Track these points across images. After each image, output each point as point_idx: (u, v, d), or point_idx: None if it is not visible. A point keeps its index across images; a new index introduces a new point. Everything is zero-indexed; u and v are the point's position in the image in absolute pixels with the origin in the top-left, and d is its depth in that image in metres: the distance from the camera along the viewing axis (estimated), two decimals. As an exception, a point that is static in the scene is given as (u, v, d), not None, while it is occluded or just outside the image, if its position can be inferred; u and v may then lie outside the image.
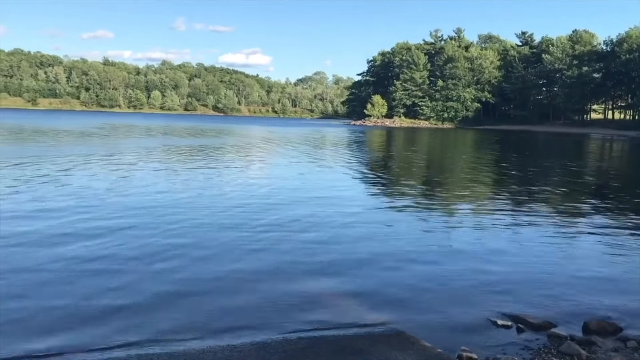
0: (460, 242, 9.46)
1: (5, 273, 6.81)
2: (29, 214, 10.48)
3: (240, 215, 11.08)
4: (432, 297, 6.54)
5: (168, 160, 23.22)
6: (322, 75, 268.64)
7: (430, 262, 8.05)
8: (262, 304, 6.12)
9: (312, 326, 5.55)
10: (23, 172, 16.74)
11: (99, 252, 7.95)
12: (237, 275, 7.12)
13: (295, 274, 7.26)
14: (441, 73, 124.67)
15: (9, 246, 8.05)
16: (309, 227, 10.12)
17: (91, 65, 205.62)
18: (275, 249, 8.44)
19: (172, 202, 12.48)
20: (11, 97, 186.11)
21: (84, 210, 11.01)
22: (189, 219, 10.53)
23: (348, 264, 7.79)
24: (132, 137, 42.71)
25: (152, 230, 9.44)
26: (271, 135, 53.28)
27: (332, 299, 6.38)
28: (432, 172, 23.98)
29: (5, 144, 29.50)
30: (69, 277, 6.80)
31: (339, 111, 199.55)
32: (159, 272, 7.20)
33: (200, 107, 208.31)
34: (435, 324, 5.75)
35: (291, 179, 17.87)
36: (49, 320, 5.52)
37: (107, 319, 5.60)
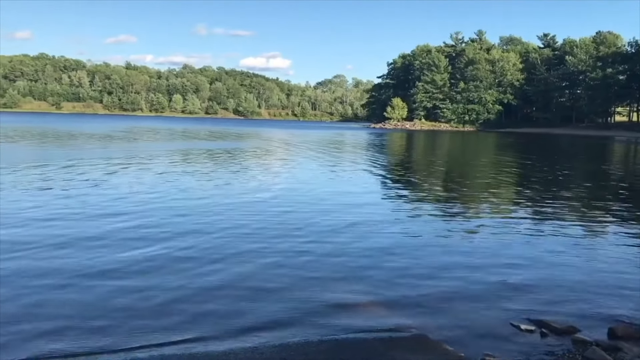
0: (482, 246, 9.37)
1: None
2: (95, 216, 10.68)
3: (265, 219, 11.13)
4: (454, 302, 6.49)
5: (202, 164, 23.35)
6: (342, 79, 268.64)
7: (452, 267, 7.98)
8: (284, 307, 6.12)
9: (334, 329, 5.53)
10: (72, 176, 17.11)
11: (137, 252, 8.08)
12: (260, 278, 7.14)
13: (316, 279, 7.25)
14: (462, 75, 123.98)
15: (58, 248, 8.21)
16: (331, 232, 10.10)
17: (114, 69, 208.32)
18: (298, 253, 8.44)
19: (204, 205, 12.58)
20: (36, 101, 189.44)
21: (128, 212, 11.22)
22: (217, 221, 10.64)
23: (369, 269, 7.76)
24: (161, 140, 43.10)
25: (185, 232, 9.55)
26: (292, 139, 53.37)
27: (354, 303, 6.36)
28: (454, 176, 23.81)
29: (47, 147, 30.23)
30: (96, 277, 6.91)
31: (359, 114, 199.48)
32: (184, 273, 7.27)
33: (221, 111, 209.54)
34: (457, 328, 5.69)
35: (315, 183, 17.82)
36: (69, 319, 5.60)
37: (130, 319, 5.66)
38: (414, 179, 21.29)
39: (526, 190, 17.62)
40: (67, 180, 16.09)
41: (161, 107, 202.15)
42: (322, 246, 8.93)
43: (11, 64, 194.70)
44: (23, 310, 5.78)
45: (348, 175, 20.63)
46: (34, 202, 12.15)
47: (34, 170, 18.30)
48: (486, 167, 27.64)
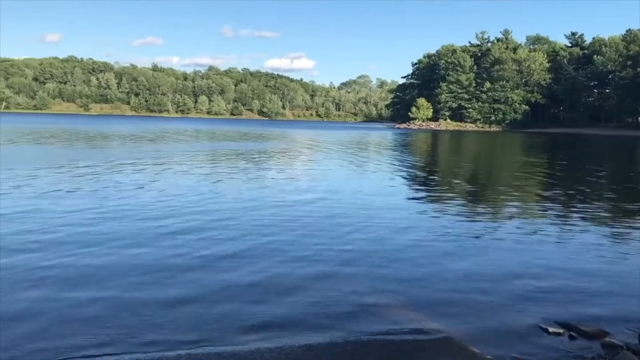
0: (510, 248, 9.27)
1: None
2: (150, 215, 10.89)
3: (293, 219, 11.19)
4: (481, 304, 6.44)
5: (236, 166, 23.47)
6: (366, 79, 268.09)
7: (478, 269, 7.93)
8: (309, 307, 6.15)
9: (360, 330, 5.54)
10: (119, 177, 17.47)
11: (176, 250, 8.21)
12: (286, 278, 7.19)
13: (340, 279, 7.27)
14: (488, 75, 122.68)
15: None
16: (355, 233, 10.13)
17: (141, 71, 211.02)
18: (324, 254, 8.47)
19: (231, 206, 12.72)
20: (65, 103, 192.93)
21: (164, 211, 11.42)
22: (244, 222, 10.74)
23: (395, 271, 7.75)
24: (192, 141, 43.38)
25: (217, 232, 9.69)
26: (318, 139, 53.43)
27: (380, 304, 6.36)
28: (480, 177, 23.61)
29: (87, 149, 30.86)
30: (131, 270, 7.04)
31: (383, 114, 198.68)
32: (214, 271, 7.38)
33: (246, 112, 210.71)
34: (484, 330, 5.65)
35: (343, 185, 17.67)
36: (98, 317, 5.72)
37: (158, 317, 5.75)
38: (439, 180, 21.17)
39: (554, 192, 17.37)
40: (116, 182, 16.40)
41: (187, 108, 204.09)
42: (345, 247, 8.95)
43: (41, 66, 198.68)
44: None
45: (375, 177, 20.59)
46: (87, 202, 12.44)
47: (81, 171, 18.79)
48: (513, 169, 27.33)
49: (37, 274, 7.04)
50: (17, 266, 7.34)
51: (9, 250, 8.06)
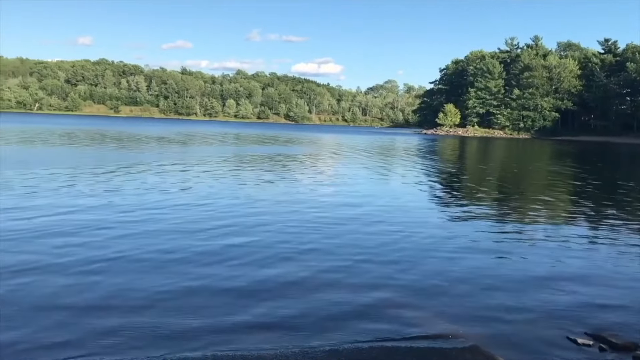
0: (537, 257, 9.16)
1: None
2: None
3: (319, 224, 11.25)
4: (508, 313, 6.38)
5: (268, 169, 23.68)
6: (393, 84, 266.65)
7: (505, 278, 7.85)
8: (333, 311, 6.18)
9: (385, 336, 5.54)
10: (161, 178, 17.81)
11: (203, 249, 8.31)
12: (313, 281, 7.23)
13: (370, 284, 7.27)
14: (517, 82, 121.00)
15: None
16: (385, 239, 10.13)
17: (170, 74, 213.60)
18: (350, 259, 8.48)
19: (264, 209, 12.84)
20: (95, 105, 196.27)
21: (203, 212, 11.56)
22: (269, 224, 10.81)
23: (422, 278, 7.73)
24: (223, 144, 43.90)
25: (242, 234, 9.82)
26: (345, 144, 53.42)
27: (406, 310, 6.35)
28: (508, 185, 23.32)
29: (126, 151, 31.60)
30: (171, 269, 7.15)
31: (410, 120, 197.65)
32: (240, 274, 7.46)
33: (273, 116, 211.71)
34: (511, 339, 5.60)
35: (371, 191, 17.74)
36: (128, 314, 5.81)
37: (184, 319, 5.82)
38: (467, 187, 20.99)
39: (583, 202, 17.05)
40: (155, 183, 16.78)
41: (215, 111, 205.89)
42: (374, 252, 8.95)
43: (73, 68, 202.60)
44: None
45: (403, 183, 20.50)
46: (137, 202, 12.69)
47: (129, 171, 19.23)
48: (542, 177, 26.95)
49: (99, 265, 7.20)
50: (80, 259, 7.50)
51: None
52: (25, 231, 9.41)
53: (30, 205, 11.87)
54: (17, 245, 8.47)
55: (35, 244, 8.65)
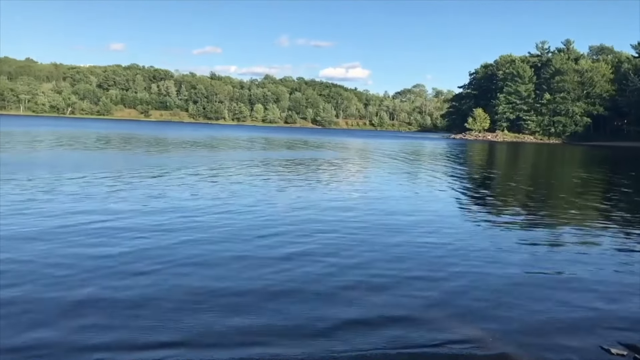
0: (569, 266, 8.96)
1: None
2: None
3: (344, 229, 11.24)
4: (539, 320, 6.27)
5: (302, 173, 23.78)
6: (421, 88, 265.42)
7: (537, 285, 7.71)
8: (359, 315, 6.15)
9: (413, 342, 5.49)
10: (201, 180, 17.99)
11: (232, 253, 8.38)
12: (339, 286, 7.21)
13: (398, 289, 7.24)
14: (548, 86, 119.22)
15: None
16: (411, 242, 10.07)
17: (199, 79, 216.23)
18: (378, 264, 8.46)
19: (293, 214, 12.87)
20: (126, 109, 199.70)
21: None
22: (298, 230, 10.85)
23: (451, 284, 7.66)
24: (256, 149, 44.24)
25: (276, 238, 9.91)
26: (373, 148, 53.30)
27: (434, 316, 6.29)
28: (539, 191, 22.97)
29: (167, 154, 32.14)
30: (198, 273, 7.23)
31: (438, 124, 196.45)
32: (270, 276, 7.52)
33: (300, 120, 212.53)
34: (543, 348, 5.49)
35: (399, 197, 17.49)
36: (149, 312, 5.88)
37: (222, 318, 5.89)
38: (497, 193, 20.73)
39: (615, 210, 16.64)
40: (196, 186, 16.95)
41: (243, 116, 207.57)
42: (400, 256, 8.89)
43: (105, 73, 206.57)
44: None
45: (433, 188, 20.23)
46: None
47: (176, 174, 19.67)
48: (573, 183, 26.48)
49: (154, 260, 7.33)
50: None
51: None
52: (109, 232, 9.68)
53: (114, 209, 12.16)
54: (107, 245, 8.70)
55: (113, 244, 8.85)
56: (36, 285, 6.78)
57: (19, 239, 9.07)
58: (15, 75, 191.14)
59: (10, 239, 8.98)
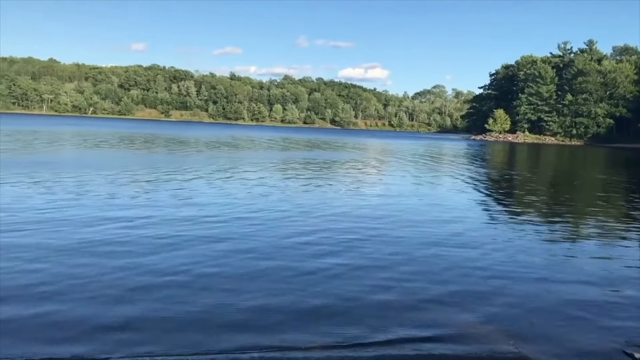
0: (591, 269, 8.89)
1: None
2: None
3: (364, 230, 11.30)
4: (560, 324, 6.23)
5: (328, 174, 23.92)
6: (441, 89, 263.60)
7: (558, 288, 7.65)
8: (381, 321, 6.15)
9: (433, 345, 5.49)
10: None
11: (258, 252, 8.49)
12: (359, 290, 7.24)
13: (417, 294, 7.23)
14: (570, 87, 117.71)
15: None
16: (432, 247, 10.07)
17: (219, 79, 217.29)
18: (401, 268, 8.47)
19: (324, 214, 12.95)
20: (147, 109, 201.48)
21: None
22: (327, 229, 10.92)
23: (469, 287, 7.64)
24: (277, 149, 44.50)
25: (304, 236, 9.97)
26: (393, 149, 53.14)
27: (454, 319, 6.29)
28: (561, 194, 22.75)
29: (196, 154, 32.67)
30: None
31: (458, 125, 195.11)
32: (300, 276, 7.62)
33: (318, 121, 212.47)
34: (563, 352, 5.46)
35: (426, 202, 17.03)
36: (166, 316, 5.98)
37: (256, 318, 5.96)
38: (519, 196, 20.58)
39: (637, 213, 16.43)
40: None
41: (262, 116, 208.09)
42: (422, 261, 8.91)
43: (126, 74, 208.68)
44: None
45: (461, 193, 19.90)
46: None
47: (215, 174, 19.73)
48: (596, 186, 26.18)
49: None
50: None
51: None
52: (141, 240, 9.80)
53: (146, 203, 12.34)
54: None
55: (144, 253, 8.97)
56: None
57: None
58: (38, 76, 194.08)
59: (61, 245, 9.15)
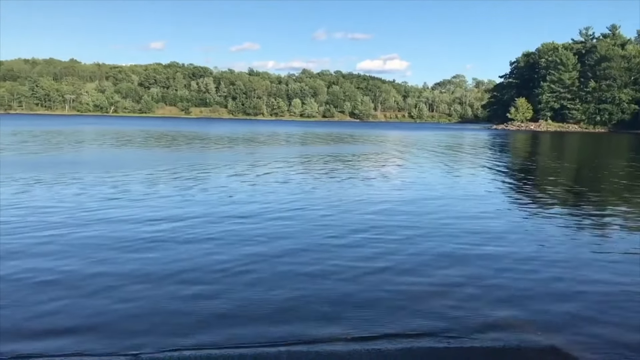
0: (625, 261, 8.65)
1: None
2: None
3: (395, 224, 11.17)
4: (590, 312, 6.11)
5: (354, 168, 23.89)
6: (461, 79, 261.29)
7: (589, 279, 7.48)
8: (409, 311, 6.09)
9: (461, 337, 5.41)
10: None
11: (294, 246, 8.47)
12: (385, 284, 7.16)
13: (444, 283, 7.15)
14: (593, 74, 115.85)
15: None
16: (463, 239, 9.96)
17: (238, 75, 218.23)
18: (431, 260, 8.38)
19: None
20: (167, 107, 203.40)
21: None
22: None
23: (499, 274, 7.56)
24: (299, 144, 44.61)
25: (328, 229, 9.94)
26: (415, 141, 52.80)
27: (480, 307, 6.19)
28: (588, 182, 22.38)
29: (231, 151, 32.66)
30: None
31: (479, 115, 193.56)
32: (328, 269, 7.56)
33: (337, 114, 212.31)
34: (594, 341, 5.34)
35: (456, 195, 16.63)
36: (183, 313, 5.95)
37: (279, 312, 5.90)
38: (546, 187, 20.25)
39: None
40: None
41: (281, 111, 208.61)
42: (450, 251, 8.80)
43: (146, 72, 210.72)
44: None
45: (488, 184, 19.60)
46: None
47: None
48: (624, 175, 25.70)
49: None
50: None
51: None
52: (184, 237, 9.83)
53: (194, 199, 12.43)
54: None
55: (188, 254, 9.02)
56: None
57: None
58: (60, 76, 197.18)
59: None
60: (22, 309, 5.91)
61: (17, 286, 6.61)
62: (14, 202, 12.33)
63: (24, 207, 11.72)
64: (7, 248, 8.25)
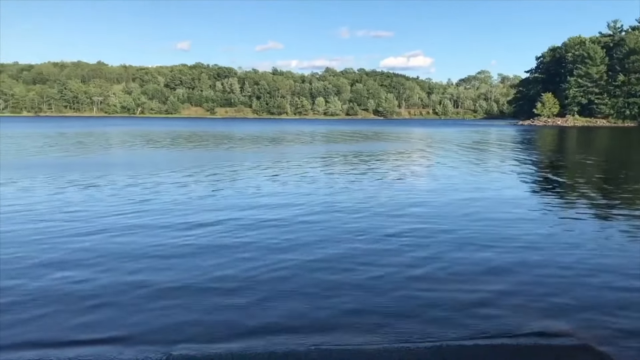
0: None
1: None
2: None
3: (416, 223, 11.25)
4: (624, 311, 6.04)
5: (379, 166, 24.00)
6: (486, 74, 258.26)
7: (621, 274, 7.43)
8: (439, 308, 6.10)
9: (489, 332, 5.42)
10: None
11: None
12: (409, 277, 7.20)
13: (472, 277, 7.17)
14: (622, 67, 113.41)
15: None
16: (491, 235, 9.93)
17: (262, 75, 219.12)
18: (451, 252, 8.41)
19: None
20: (193, 107, 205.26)
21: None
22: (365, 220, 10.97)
23: (529, 269, 7.54)
24: (325, 142, 44.70)
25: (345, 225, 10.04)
26: (440, 138, 52.34)
27: (512, 303, 6.19)
28: (621, 180, 22.06)
29: (245, 151, 33.02)
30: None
31: (505, 111, 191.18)
32: (354, 267, 7.67)
33: (361, 112, 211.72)
34: (628, 341, 5.29)
35: (490, 197, 16.80)
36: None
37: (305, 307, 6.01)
38: (577, 185, 20.05)
39: None
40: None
41: (304, 110, 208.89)
42: (479, 246, 8.82)
43: (172, 73, 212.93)
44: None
45: (506, 180, 19.70)
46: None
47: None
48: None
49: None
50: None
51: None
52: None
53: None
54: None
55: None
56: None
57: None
58: (87, 78, 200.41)
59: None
60: (61, 317, 5.92)
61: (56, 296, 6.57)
62: (55, 205, 12.68)
63: (64, 211, 11.99)
64: (49, 257, 8.15)
